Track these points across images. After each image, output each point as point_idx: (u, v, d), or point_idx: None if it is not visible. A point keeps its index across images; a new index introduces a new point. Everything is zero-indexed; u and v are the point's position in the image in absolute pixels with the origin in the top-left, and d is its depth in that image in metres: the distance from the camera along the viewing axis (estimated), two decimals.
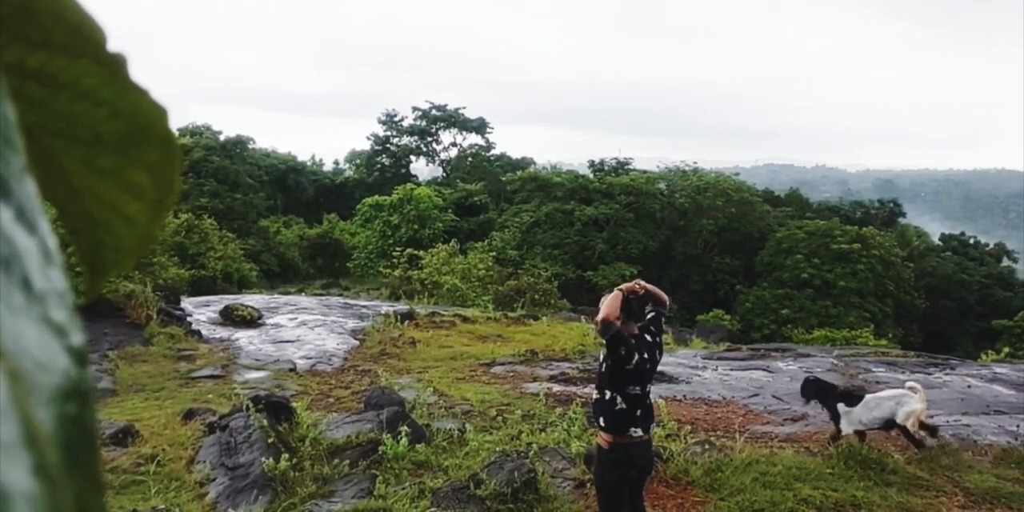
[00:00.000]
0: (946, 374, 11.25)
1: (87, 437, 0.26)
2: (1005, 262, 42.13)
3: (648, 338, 4.49)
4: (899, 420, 6.31)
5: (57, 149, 0.33)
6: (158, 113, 0.33)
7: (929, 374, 11.23)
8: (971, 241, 43.76)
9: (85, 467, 0.26)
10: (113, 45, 0.31)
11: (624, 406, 4.34)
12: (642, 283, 4.58)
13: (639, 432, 4.38)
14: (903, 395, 6.47)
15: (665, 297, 4.67)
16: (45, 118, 0.32)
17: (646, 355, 4.41)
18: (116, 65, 0.32)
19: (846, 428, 6.55)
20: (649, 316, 4.60)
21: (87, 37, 0.30)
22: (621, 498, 4.48)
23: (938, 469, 6.37)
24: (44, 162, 0.33)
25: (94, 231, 0.36)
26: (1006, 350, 18.96)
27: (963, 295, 36.56)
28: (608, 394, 4.40)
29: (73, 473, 0.24)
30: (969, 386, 10.24)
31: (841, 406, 6.58)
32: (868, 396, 6.59)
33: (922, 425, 6.55)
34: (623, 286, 4.49)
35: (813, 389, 6.86)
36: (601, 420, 4.48)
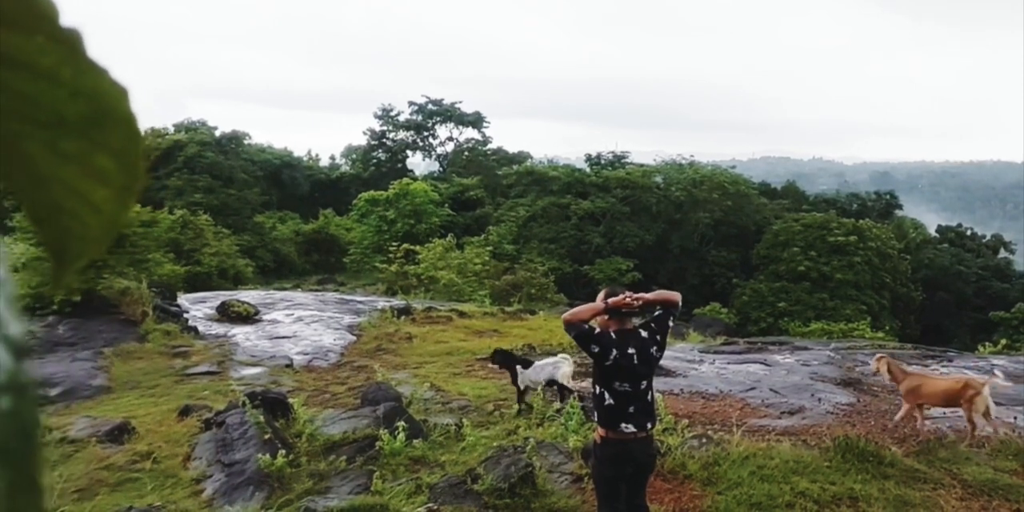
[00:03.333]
0: (944, 366, 11.28)
1: (23, 433, 0.25)
2: (1002, 253, 42.16)
3: (644, 334, 4.42)
4: (557, 379, 8.17)
5: (18, 133, 0.31)
6: (119, 93, 0.31)
7: (927, 366, 11.24)
8: (968, 233, 43.80)
9: (18, 464, 0.25)
10: (66, 20, 0.29)
11: (612, 402, 4.33)
12: (638, 295, 4.44)
13: (631, 428, 4.35)
14: (558, 361, 8.32)
15: (675, 298, 4.57)
16: (3, 99, 0.30)
17: (630, 351, 4.32)
18: (73, 42, 0.30)
19: (521, 385, 8.25)
20: (656, 313, 4.54)
21: (40, 12, 0.28)
22: (616, 493, 4.48)
23: (936, 461, 6.38)
24: (5, 146, 0.32)
25: (60, 219, 0.34)
26: (1003, 342, 19.03)
27: (960, 287, 36.62)
28: (598, 389, 4.42)
29: (3, 470, 0.24)
30: None
31: (519, 369, 8.26)
32: (536, 363, 8.43)
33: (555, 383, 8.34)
34: (611, 301, 4.37)
35: (500, 357, 8.55)
36: (595, 415, 4.53)
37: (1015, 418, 8.15)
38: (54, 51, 0.30)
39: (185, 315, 14.04)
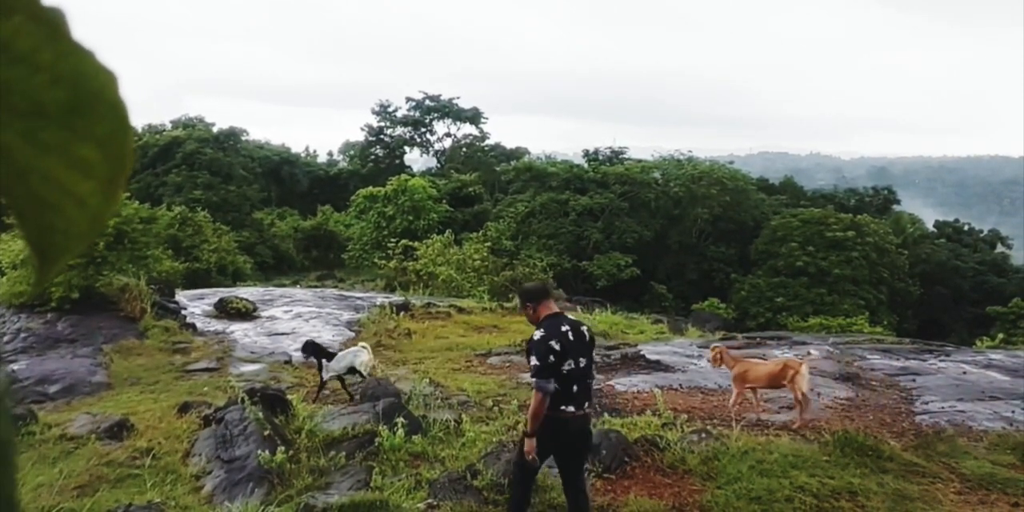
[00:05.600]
0: (941, 361, 11.28)
1: None
2: (999, 248, 42.19)
3: (570, 316, 4.88)
4: (356, 367, 8.72)
5: None
6: (106, 79, 0.30)
7: (924, 361, 11.25)
8: (965, 228, 43.83)
9: None
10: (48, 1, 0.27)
11: (557, 387, 4.57)
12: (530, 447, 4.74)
13: (571, 408, 4.63)
14: (358, 351, 8.94)
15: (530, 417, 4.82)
16: None
17: (564, 328, 4.66)
18: (54, 22, 0.28)
19: (327, 375, 8.83)
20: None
21: None
22: (536, 468, 4.81)
23: (934, 455, 6.38)
24: None
25: (42, 214, 0.32)
26: (1000, 336, 19.05)
27: (958, 282, 36.63)
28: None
29: None
30: (964, 372, 10.26)
31: (324, 361, 8.83)
32: (339, 353, 9.07)
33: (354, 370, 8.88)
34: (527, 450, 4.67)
35: (310, 349, 9.11)
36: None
37: (1012, 412, 8.15)
38: (34, 33, 0.28)
39: (184, 312, 14.01)
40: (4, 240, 14.48)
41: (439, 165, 52.52)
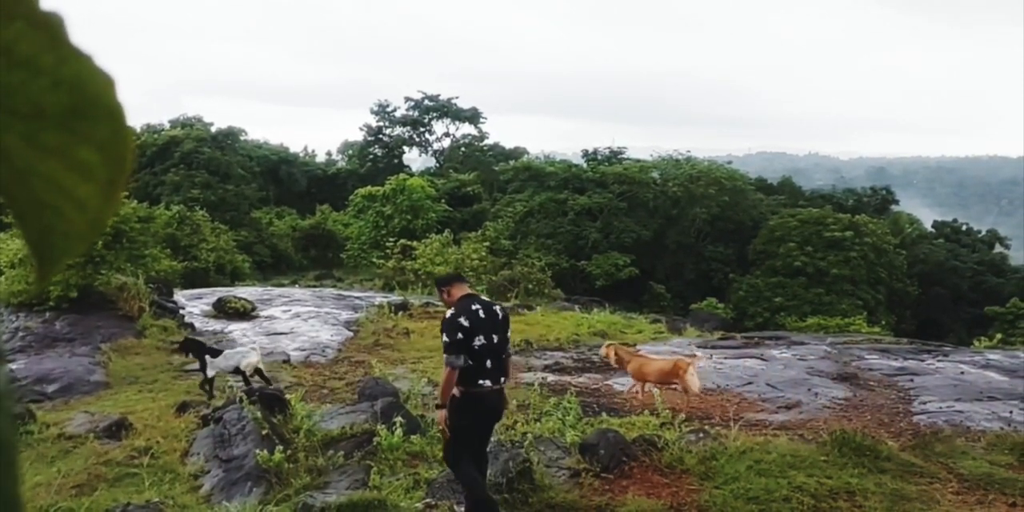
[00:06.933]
0: (939, 361, 11.29)
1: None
2: (997, 249, 42.21)
3: (484, 297, 5.29)
4: (241, 367, 8.66)
5: None
6: (105, 83, 0.30)
7: (922, 361, 11.26)
8: (963, 228, 43.86)
9: None
10: (47, 4, 0.27)
11: (471, 362, 4.90)
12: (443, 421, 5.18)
13: (488, 383, 4.96)
14: (247, 352, 8.89)
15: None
16: None
17: (474, 306, 5.01)
18: (54, 27, 0.28)
19: (210, 372, 8.72)
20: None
21: None
22: (470, 440, 5.09)
23: (932, 456, 6.39)
24: None
25: (42, 215, 0.32)
26: (999, 336, 19.04)
27: (956, 282, 36.67)
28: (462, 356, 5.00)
29: None
30: (962, 372, 10.27)
31: (208, 358, 8.70)
32: (226, 351, 8.94)
33: (258, 371, 8.85)
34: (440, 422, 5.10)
35: (190, 345, 8.96)
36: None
37: (1010, 412, 8.16)
38: (34, 37, 0.28)
39: (182, 311, 14.01)
40: (2, 239, 14.49)
41: (438, 165, 52.50)
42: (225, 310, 14.49)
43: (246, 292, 17.10)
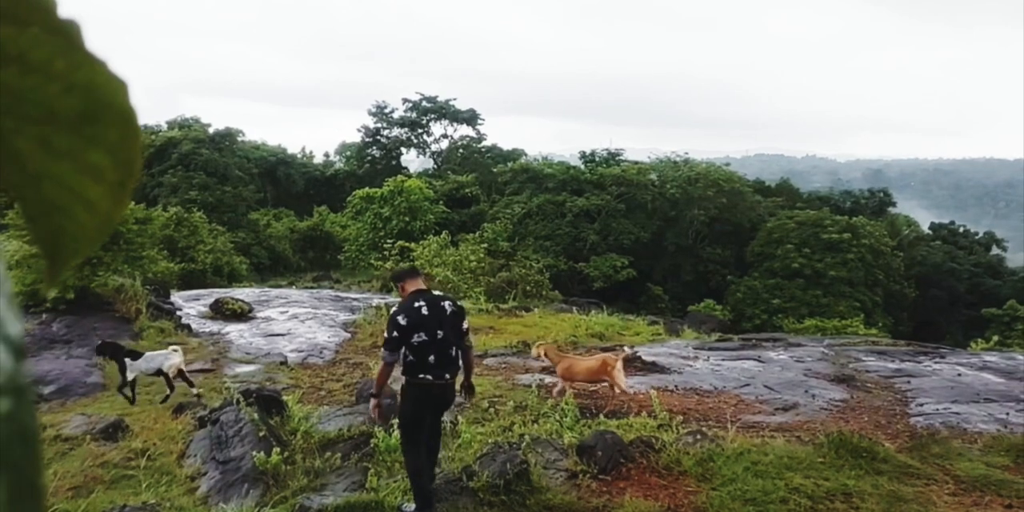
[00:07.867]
0: (936, 363, 11.31)
1: (22, 436, 0.25)
2: (994, 251, 42.32)
3: (436, 293, 5.41)
4: (163, 369, 8.78)
5: (8, 129, 0.30)
6: (117, 87, 0.31)
7: (919, 363, 11.28)
8: (961, 230, 43.96)
9: (19, 469, 0.24)
10: (64, 11, 0.28)
11: (412, 358, 5.13)
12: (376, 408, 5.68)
13: (429, 378, 5.16)
14: (168, 354, 8.93)
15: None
16: None
17: (418, 304, 5.16)
18: (69, 34, 0.29)
19: (130, 375, 8.82)
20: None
21: (35, 2, 0.28)
22: (420, 428, 5.31)
23: (928, 457, 6.40)
24: None
25: (53, 217, 0.33)
26: (995, 338, 19.10)
27: (953, 284, 36.74)
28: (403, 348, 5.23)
29: (3, 475, 0.24)
30: (959, 374, 10.29)
31: (128, 360, 8.78)
32: (147, 353, 9.03)
33: (180, 373, 8.96)
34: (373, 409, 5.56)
35: (107, 348, 9.03)
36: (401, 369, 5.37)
37: (1007, 414, 8.18)
38: (48, 43, 0.29)
39: (179, 313, 14.00)
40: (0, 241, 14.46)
41: (436, 166, 52.47)
42: (222, 311, 14.48)
43: (243, 293, 17.09)
